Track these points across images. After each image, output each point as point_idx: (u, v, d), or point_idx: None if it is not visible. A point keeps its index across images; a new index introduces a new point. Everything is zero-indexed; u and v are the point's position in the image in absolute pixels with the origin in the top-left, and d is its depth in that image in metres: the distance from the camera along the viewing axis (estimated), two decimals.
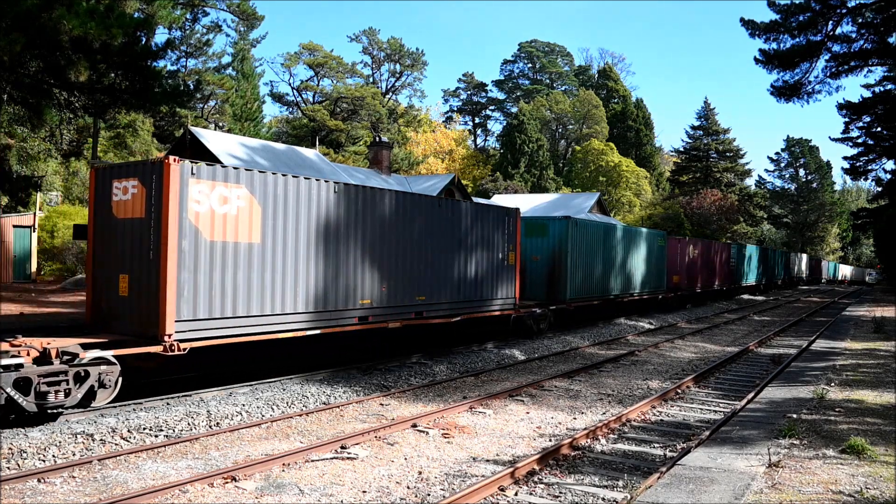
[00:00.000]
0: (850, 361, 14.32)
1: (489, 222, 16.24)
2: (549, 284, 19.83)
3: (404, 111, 66.21)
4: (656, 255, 27.05)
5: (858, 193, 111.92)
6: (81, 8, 14.21)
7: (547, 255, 19.91)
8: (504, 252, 16.73)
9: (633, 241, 24.84)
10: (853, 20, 25.50)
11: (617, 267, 23.37)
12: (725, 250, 38.31)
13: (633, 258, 24.79)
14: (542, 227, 20.14)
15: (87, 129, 33.71)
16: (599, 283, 22.07)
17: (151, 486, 6.70)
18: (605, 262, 22.47)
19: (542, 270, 19.93)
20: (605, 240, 22.33)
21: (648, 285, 26.33)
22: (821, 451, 7.28)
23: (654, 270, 26.90)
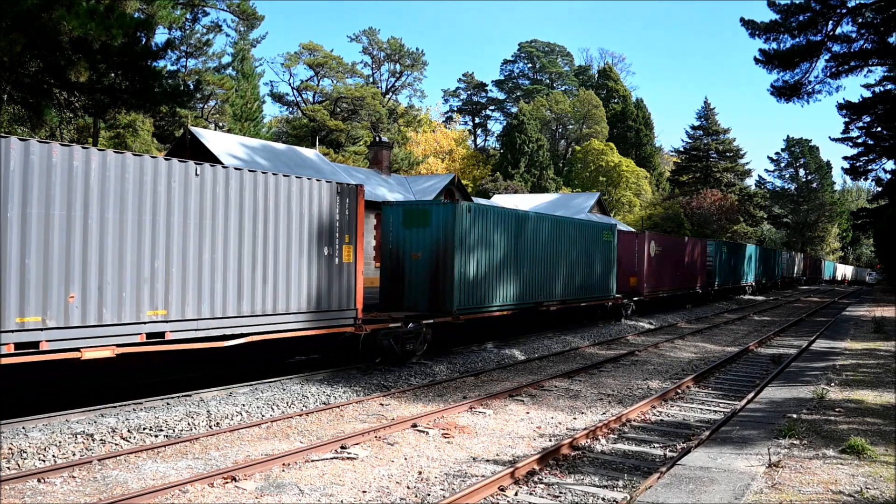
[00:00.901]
0: (850, 361, 14.32)
1: (304, 202, 11.47)
2: (432, 291, 14.96)
3: (404, 111, 66.23)
4: (601, 253, 22.10)
5: (858, 193, 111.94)
6: (81, 8, 14.21)
7: (430, 252, 15.03)
8: (334, 247, 11.98)
9: (564, 234, 19.81)
10: (853, 20, 25.53)
11: (538, 267, 18.28)
12: (701, 248, 34.03)
13: (565, 256, 19.76)
14: (423, 215, 15.14)
15: (87, 129, 33.71)
16: (508, 289, 16.88)
17: (151, 486, 6.70)
18: (519, 261, 17.36)
19: (424, 272, 15.08)
20: (517, 232, 17.31)
21: (589, 290, 21.27)
22: (821, 451, 7.28)
23: (599, 271, 21.92)
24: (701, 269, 33.45)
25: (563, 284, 19.74)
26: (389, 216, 15.57)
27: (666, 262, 28.01)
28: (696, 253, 32.71)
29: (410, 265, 15.28)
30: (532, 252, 18.01)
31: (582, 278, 20.87)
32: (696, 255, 32.79)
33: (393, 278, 15.42)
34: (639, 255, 25.69)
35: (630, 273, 25.55)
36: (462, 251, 15.03)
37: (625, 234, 26.05)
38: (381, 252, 16.02)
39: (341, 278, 12.13)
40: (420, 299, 15.12)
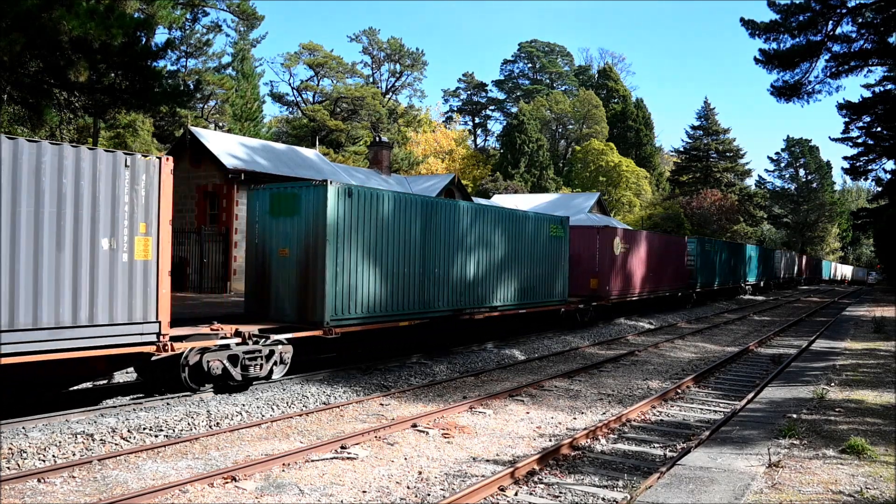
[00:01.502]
0: (850, 361, 14.31)
1: (66, 178, 8.44)
2: (301, 296, 11.97)
3: (404, 111, 66.24)
4: (548, 251, 18.77)
5: (858, 193, 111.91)
6: (81, 8, 14.22)
7: (299, 248, 12.04)
8: (119, 239, 8.95)
9: (494, 227, 16.33)
10: (853, 20, 25.54)
11: (457, 267, 15.02)
12: (679, 246, 30.89)
13: (497, 253, 16.51)
14: (292, 201, 12.12)
15: (87, 129, 33.71)
16: (412, 294, 13.71)
17: (151, 486, 6.70)
18: (429, 259, 14.12)
19: (293, 273, 12.06)
20: (425, 224, 13.94)
21: (532, 294, 17.99)
22: (821, 451, 7.28)
23: (545, 272, 18.57)
24: (680, 269, 30.36)
25: (494, 288, 16.43)
26: (255, 203, 12.64)
27: (635, 261, 24.93)
28: (672, 252, 29.54)
29: (278, 264, 12.26)
30: (448, 248, 14.72)
31: (521, 280, 17.46)
32: (674, 254, 29.63)
33: (259, 281, 12.48)
34: (601, 253, 22.43)
35: (590, 274, 22.49)
36: (339, 246, 11.89)
37: (583, 230, 23.03)
38: (246, 248, 13.19)
39: (132, 280, 9.05)
40: (288, 307, 12.10)
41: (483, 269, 16.01)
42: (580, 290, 21.96)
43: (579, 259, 22.11)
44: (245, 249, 13.46)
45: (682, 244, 31.39)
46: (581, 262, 22.23)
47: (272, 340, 11.10)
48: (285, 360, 11.44)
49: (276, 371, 11.28)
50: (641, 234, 26.50)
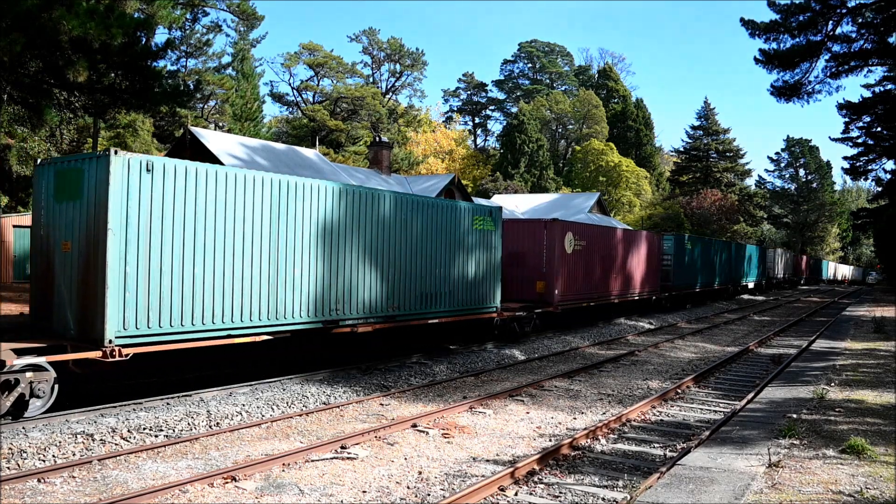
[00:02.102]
0: (850, 361, 14.32)
1: None
2: (82, 304, 9.23)
3: (404, 111, 66.24)
4: (473, 247, 15.59)
5: (858, 193, 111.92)
6: (81, 8, 14.21)
7: (81, 240, 9.33)
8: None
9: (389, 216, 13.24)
10: (853, 20, 25.52)
11: (322, 264, 11.79)
12: (651, 243, 26.91)
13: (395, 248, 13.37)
14: (76, 178, 9.42)
15: (87, 129, 33.71)
16: (254, 298, 10.57)
17: (151, 486, 6.70)
18: (281, 254, 11.05)
19: (75, 274, 9.39)
20: (278, 210, 10.99)
21: (448, 300, 14.84)
22: (821, 451, 7.28)
23: (468, 274, 15.40)
24: (652, 269, 26.82)
25: (391, 291, 13.21)
26: (41, 182, 10.00)
27: (593, 260, 21.43)
28: (642, 249, 25.86)
29: (61, 262, 9.57)
30: (308, 241, 11.49)
31: (430, 283, 14.27)
32: (644, 253, 26.04)
33: (41, 284, 9.90)
34: (549, 251, 18.98)
35: (537, 276, 18.95)
36: (135, 237, 9.09)
37: (526, 224, 20.01)
38: (31, 241, 10.51)
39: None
40: (70, 318, 9.35)
41: (365, 267, 12.64)
42: (525, 294, 18.92)
43: (523, 258, 19.08)
44: (30, 243, 10.58)
45: (655, 241, 27.63)
46: (525, 261, 19.11)
47: (18, 366, 8.30)
48: (39, 392, 8.66)
49: (31, 407, 8.61)
50: (602, 229, 23.19)
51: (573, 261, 20.20)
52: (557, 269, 19.18)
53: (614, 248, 23.54)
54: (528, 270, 19.16)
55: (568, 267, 19.87)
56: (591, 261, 21.52)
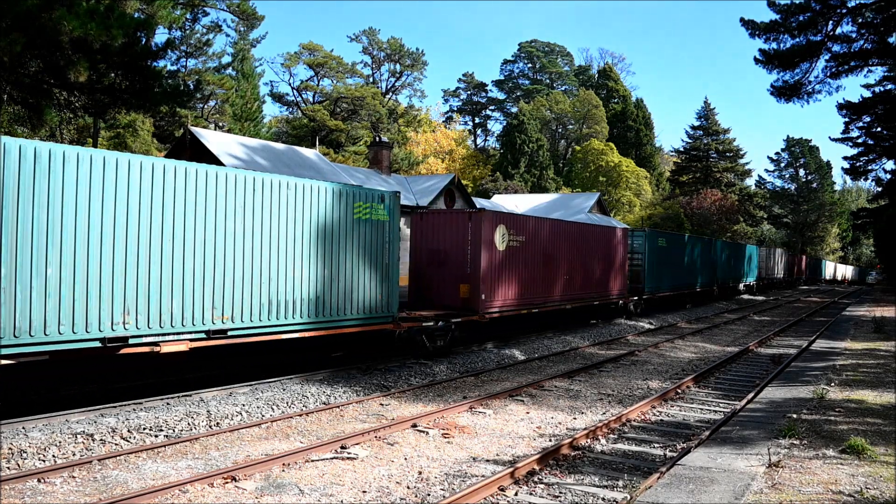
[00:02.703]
0: (850, 361, 14.32)
1: None
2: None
3: (404, 111, 66.25)
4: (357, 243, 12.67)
5: (858, 193, 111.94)
6: (81, 8, 14.22)
7: None
8: None
9: (199, 195, 10.06)
10: (853, 20, 25.53)
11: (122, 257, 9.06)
12: (615, 240, 23.27)
13: (239, 242, 10.62)
14: None
15: (87, 129, 33.73)
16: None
17: (151, 486, 6.70)
18: (88, 249, 8.72)
19: None
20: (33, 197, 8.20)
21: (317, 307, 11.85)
22: (821, 451, 7.28)
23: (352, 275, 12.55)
24: (618, 270, 23.44)
25: (219, 298, 10.26)
26: None
27: (535, 259, 18.21)
28: (605, 247, 22.49)
29: None
30: (126, 235, 9.08)
31: (281, 287, 11.20)
32: (607, 251, 22.72)
33: None
34: (474, 247, 15.87)
35: (460, 278, 15.93)
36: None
37: (447, 216, 16.89)
38: None
39: None
40: None
41: (173, 262, 9.68)
42: (447, 299, 16.04)
43: (445, 257, 16.23)
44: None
45: (621, 238, 23.94)
46: (448, 260, 16.17)
47: None
48: None
49: None
50: (547, 223, 19.44)
51: (508, 260, 16.95)
52: (486, 269, 16.01)
53: (565, 246, 20.01)
54: (451, 271, 16.12)
55: (501, 267, 16.68)
56: (533, 260, 18.15)
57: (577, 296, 20.68)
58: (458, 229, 16.29)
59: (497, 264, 16.52)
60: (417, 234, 16.88)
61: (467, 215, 16.27)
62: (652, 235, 26.81)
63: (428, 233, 16.61)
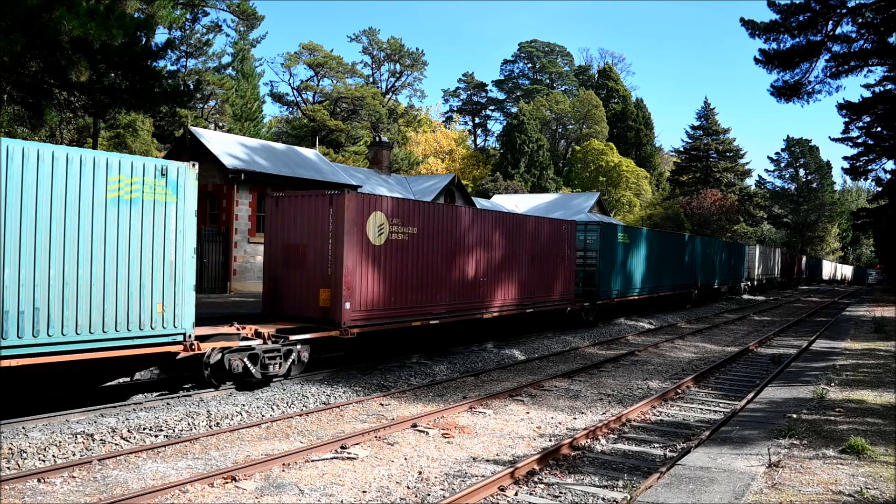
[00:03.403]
0: (850, 361, 14.31)
1: None
2: None
3: (404, 111, 66.25)
4: (117, 231, 9.03)
5: (858, 193, 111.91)
6: (81, 8, 14.23)
7: None
8: None
9: None
10: (853, 20, 25.55)
11: None
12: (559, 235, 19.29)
13: None
14: None
15: (87, 129, 33.73)
16: None
17: (151, 486, 6.70)
18: None
19: None
20: None
21: (48, 321, 8.28)
22: (821, 451, 7.28)
23: (110, 276, 8.91)
24: (562, 271, 19.40)
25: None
26: None
27: (432, 257, 14.30)
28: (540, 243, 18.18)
29: None
30: None
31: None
32: (546, 248, 18.52)
33: None
34: (336, 240, 12.29)
35: (320, 281, 12.46)
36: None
37: (303, 199, 12.97)
38: None
39: None
40: None
41: None
42: (305, 309, 12.60)
43: (303, 254, 12.78)
44: None
45: (565, 233, 19.70)
46: (306, 259, 12.73)
47: None
48: None
49: None
50: (451, 210, 15.35)
51: (390, 258, 13.16)
52: (353, 269, 12.34)
53: (482, 241, 15.92)
54: (311, 273, 12.60)
55: (377, 267, 12.89)
56: (430, 259, 14.26)
57: (499, 303, 16.62)
58: (319, 218, 12.62)
59: (371, 263, 12.71)
60: (272, 224, 13.31)
61: (328, 199, 12.49)
62: (609, 231, 22.83)
63: (285, 223, 13.01)
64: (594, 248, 22.05)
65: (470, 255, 15.61)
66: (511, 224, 17.38)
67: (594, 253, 22.02)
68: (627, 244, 24.24)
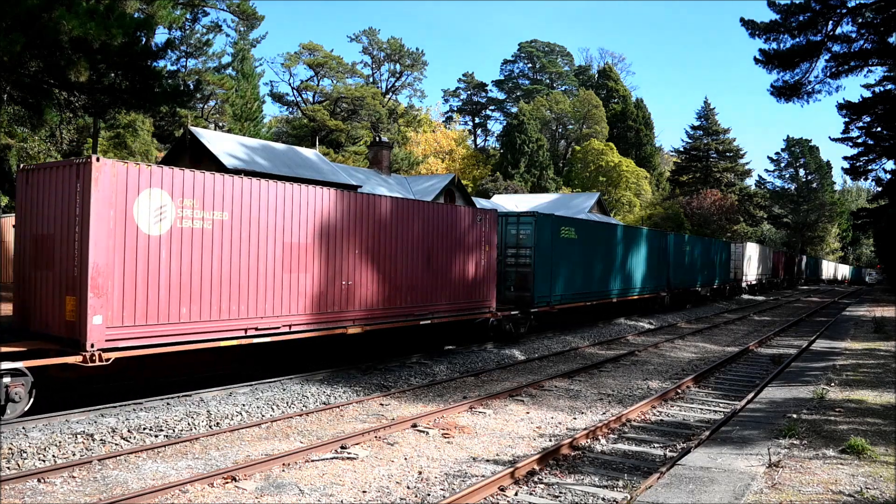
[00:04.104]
0: (850, 361, 14.31)
1: None
2: None
3: (404, 111, 66.22)
4: None
5: (858, 193, 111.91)
6: (81, 8, 14.21)
7: None
8: None
9: None
10: (853, 20, 25.52)
11: None
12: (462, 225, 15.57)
13: None
14: None
15: (87, 129, 33.68)
16: None
17: (151, 486, 6.70)
18: None
19: None
20: None
21: None
22: (821, 451, 7.28)
23: None
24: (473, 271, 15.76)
25: None
26: None
27: (255, 252, 10.92)
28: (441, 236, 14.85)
29: None
30: None
31: None
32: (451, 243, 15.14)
33: None
34: (84, 229, 8.96)
35: (69, 286, 9.15)
36: None
37: (50, 172, 9.69)
38: None
39: None
40: None
41: None
42: (52, 324, 9.39)
43: (50, 248, 9.50)
44: None
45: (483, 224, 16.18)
46: (52, 254, 9.46)
47: None
48: None
49: None
50: (285, 189, 11.44)
51: (176, 253, 9.78)
52: (107, 269, 9.00)
53: (346, 234, 12.47)
54: (58, 274, 9.38)
55: (156, 266, 9.55)
56: (253, 253, 10.84)
57: (379, 313, 13.16)
58: (67, 198, 9.28)
59: (143, 261, 9.39)
60: (23, 209, 10.09)
61: (75, 169, 9.14)
62: (547, 223, 18.73)
63: (35, 206, 9.84)
64: (528, 245, 18.20)
65: (326, 251, 12.05)
66: (385, 211, 13.39)
67: (528, 250, 18.17)
68: (574, 240, 20.28)
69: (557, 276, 19.47)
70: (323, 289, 12.04)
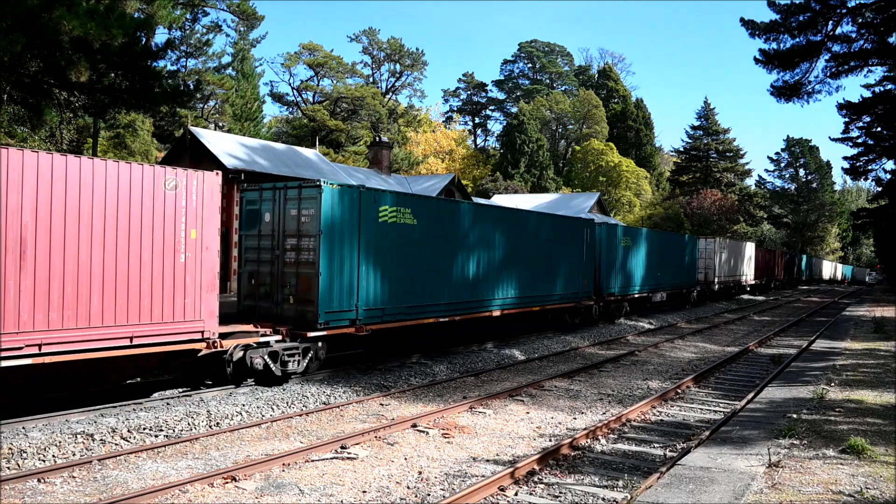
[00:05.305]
0: (850, 361, 14.31)
1: None
2: None
3: (404, 111, 66.21)
4: None
5: (858, 193, 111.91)
6: (81, 8, 14.23)
7: None
8: None
9: None
10: (853, 20, 25.53)
11: None
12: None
13: None
14: None
15: (87, 129, 33.71)
16: None
17: (151, 486, 6.70)
18: None
19: None
20: None
21: None
22: (821, 451, 7.28)
23: None
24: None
25: None
26: None
27: None
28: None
29: None
30: None
31: None
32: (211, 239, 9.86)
33: None
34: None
35: None
36: None
37: None
38: None
39: None
40: None
41: None
42: None
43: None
44: None
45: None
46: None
47: None
48: None
49: None
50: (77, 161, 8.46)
51: None
52: None
53: None
54: None
55: None
56: None
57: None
58: None
59: None
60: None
61: None
62: (349, 196, 11.95)
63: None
64: (311, 233, 11.57)
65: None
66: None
67: (310, 240, 11.57)
68: (413, 226, 13.41)
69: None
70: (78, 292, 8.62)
